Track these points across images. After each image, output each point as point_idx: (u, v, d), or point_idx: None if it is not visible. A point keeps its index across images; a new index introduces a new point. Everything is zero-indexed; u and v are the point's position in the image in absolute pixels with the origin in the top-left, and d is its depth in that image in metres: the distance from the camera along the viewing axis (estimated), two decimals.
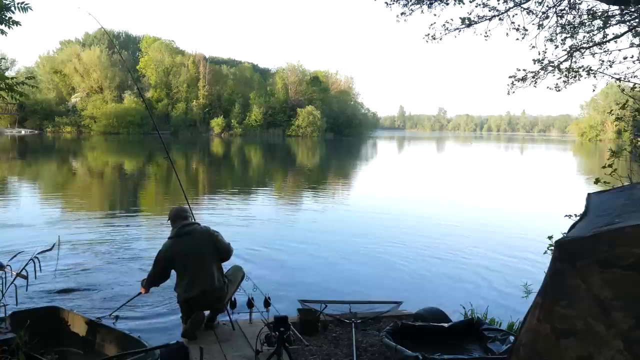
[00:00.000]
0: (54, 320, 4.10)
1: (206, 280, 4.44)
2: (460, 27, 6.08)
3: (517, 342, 2.03)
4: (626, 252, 1.69)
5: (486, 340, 4.02)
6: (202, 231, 4.62)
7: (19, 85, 4.61)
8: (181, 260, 4.48)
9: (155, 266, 4.60)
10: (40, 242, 8.02)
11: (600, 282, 1.72)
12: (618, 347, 1.64)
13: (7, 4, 4.26)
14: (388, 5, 6.28)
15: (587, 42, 5.92)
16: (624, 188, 2.39)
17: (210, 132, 69.06)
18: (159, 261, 4.57)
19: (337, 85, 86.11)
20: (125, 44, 74.46)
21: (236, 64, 79.66)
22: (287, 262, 7.83)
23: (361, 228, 10.71)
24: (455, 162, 37.66)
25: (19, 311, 4.09)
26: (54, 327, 4.03)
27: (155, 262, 4.61)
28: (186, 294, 4.46)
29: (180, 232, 4.55)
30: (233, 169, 27.63)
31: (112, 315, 5.04)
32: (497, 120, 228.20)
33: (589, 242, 1.81)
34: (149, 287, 4.72)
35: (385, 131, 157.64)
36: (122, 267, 7.32)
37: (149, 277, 4.67)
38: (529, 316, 1.96)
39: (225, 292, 4.60)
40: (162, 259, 4.56)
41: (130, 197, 16.03)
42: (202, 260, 4.48)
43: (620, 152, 4.65)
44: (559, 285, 1.85)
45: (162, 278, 4.67)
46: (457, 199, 16.08)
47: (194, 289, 4.42)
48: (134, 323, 5.16)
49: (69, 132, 60.68)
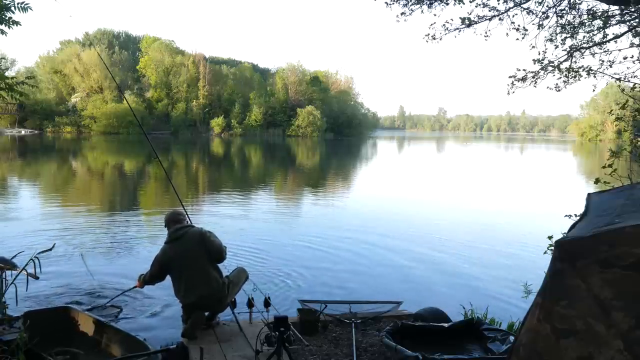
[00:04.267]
0: (65, 320, 4.18)
1: (202, 284, 4.43)
2: (460, 27, 6.09)
3: (517, 342, 2.03)
4: (626, 252, 1.69)
5: (486, 340, 4.02)
6: (194, 233, 4.57)
7: (19, 85, 4.62)
8: (176, 265, 4.50)
9: (153, 268, 4.66)
10: (40, 242, 8.04)
11: (600, 282, 1.72)
12: (618, 347, 1.64)
13: (7, 4, 4.26)
14: (388, 5, 6.29)
15: (587, 42, 5.92)
16: (624, 188, 2.39)
17: (210, 132, 69.05)
18: (155, 264, 4.63)
19: (337, 85, 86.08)
20: (125, 44, 74.37)
21: (236, 64, 79.65)
22: (288, 262, 7.82)
23: (361, 228, 10.70)
24: (455, 162, 37.65)
25: (32, 311, 4.21)
26: (65, 327, 4.11)
27: (153, 263, 4.66)
28: (186, 300, 4.49)
29: (173, 237, 4.57)
30: (233, 169, 27.63)
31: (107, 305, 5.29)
32: (497, 120, 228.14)
33: (589, 242, 1.81)
34: (145, 284, 4.80)
35: (385, 131, 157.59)
36: (121, 266, 7.32)
37: (147, 275, 4.72)
38: (529, 316, 1.96)
39: (226, 293, 4.57)
40: (158, 263, 4.61)
41: (129, 197, 16.02)
42: (195, 264, 4.46)
43: (620, 152, 4.65)
44: (559, 285, 1.85)
45: (159, 279, 4.72)
46: (457, 199, 16.08)
47: (192, 295, 4.43)
48: (134, 322, 5.18)
49: (69, 132, 60.66)
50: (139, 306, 5.69)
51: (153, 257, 4.71)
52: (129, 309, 5.61)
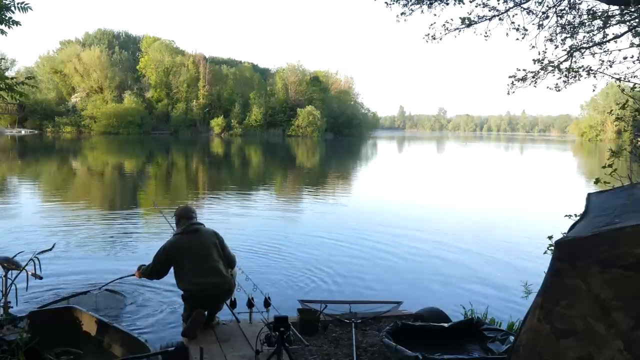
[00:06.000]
0: (69, 320, 4.20)
1: (215, 273, 4.52)
2: (460, 27, 6.08)
3: (517, 342, 2.03)
4: (626, 252, 1.70)
5: (486, 340, 4.02)
6: (208, 229, 4.79)
7: (19, 85, 4.63)
8: (188, 254, 4.54)
9: (157, 258, 4.65)
10: (40, 242, 8.04)
11: (600, 282, 1.72)
12: (618, 347, 1.64)
13: (7, 4, 4.26)
14: (388, 5, 6.29)
15: (587, 42, 5.92)
16: (624, 188, 2.39)
17: (210, 132, 69.00)
18: (161, 255, 4.63)
19: (337, 85, 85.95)
20: (125, 44, 74.32)
21: (236, 64, 79.54)
22: (288, 262, 7.83)
23: (361, 228, 10.70)
24: (455, 162, 37.64)
25: (37, 311, 4.26)
26: (69, 327, 4.13)
27: (157, 255, 4.65)
28: (196, 286, 4.44)
29: (188, 229, 4.66)
30: (233, 169, 27.61)
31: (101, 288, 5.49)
32: (497, 120, 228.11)
33: (589, 242, 1.81)
34: (143, 276, 4.80)
35: (385, 131, 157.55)
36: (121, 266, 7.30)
37: (148, 268, 4.72)
38: (529, 316, 1.96)
39: (234, 285, 4.71)
40: (165, 253, 4.61)
41: (129, 197, 16.02)
42: (210, 254, 4.58)
43: (620, 152, 4.64)
44: (559, 285, 1.85)
45: (159, 274, 4.71)
46: (457, 199, 16.08)
47: (203, 281, 4.45)
48: (134, 322, 5.19)
49: (69, 132, 60.57)
50: (139, 306, 5.69)
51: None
52: (129, 309, 5.62)
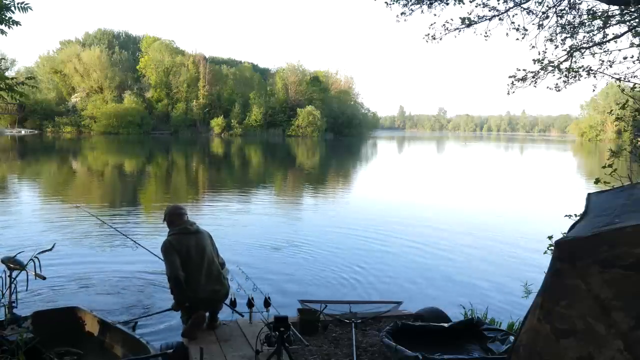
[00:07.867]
0: (73, 320, 4.21)
1: (216, 281, 4.49)
2: (460, 27, 6.08)
3: (517, 342, 2.03)
4: (626, 252, 1.69)
5: (486, 340, 4.02)
6: (205, 231, 4.71)
7: (19, 85, 4.62)
8: (194, 257, 4.39)
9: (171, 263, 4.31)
10: (40, 241, 8.04)
11: (600, 282, 1.72)
12: (618, 347, 1.64)
13: (7, 4, 4.25)
14: (388, 5, 6.28)
15: (587, 42, 5.91)
16: (624, 188, 2.39)
17: (210, 132, 68.99)
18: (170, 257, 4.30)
19: (337, 85, 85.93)
20: (125, 44, 74.30)
21: (236, 64, 79.52)
22: (287, 262, 7.83)
23: (361, 228, 10.70)
24: (455, 162, 37.64)
25: (41, 311, 4.24)
26: (72, 327, 4.14)
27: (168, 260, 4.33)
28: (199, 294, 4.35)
29: (190, 230, 4.50)
30: (233, 169, 27.61)
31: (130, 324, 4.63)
32: (497, 120, 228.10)
33: (589, 242, 1.81)
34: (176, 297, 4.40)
35: (385, 131, 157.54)
36: (121, 265, 7.31)
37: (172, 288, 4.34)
38: (529, 316, 1.96)
39: (228, 288, 4.65)
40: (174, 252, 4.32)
41: (128, 197, 16.02)
42: (212, 259, 4.53)
43: (620, 152, 4.64)
44: (559, 285, 1.85)
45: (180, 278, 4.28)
46: (457, 199, 16.08)
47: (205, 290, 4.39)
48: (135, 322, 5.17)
49: (69, 132, 60.57)
50: (139, 306, 5.69)
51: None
52: (129, 308, 5.62)
